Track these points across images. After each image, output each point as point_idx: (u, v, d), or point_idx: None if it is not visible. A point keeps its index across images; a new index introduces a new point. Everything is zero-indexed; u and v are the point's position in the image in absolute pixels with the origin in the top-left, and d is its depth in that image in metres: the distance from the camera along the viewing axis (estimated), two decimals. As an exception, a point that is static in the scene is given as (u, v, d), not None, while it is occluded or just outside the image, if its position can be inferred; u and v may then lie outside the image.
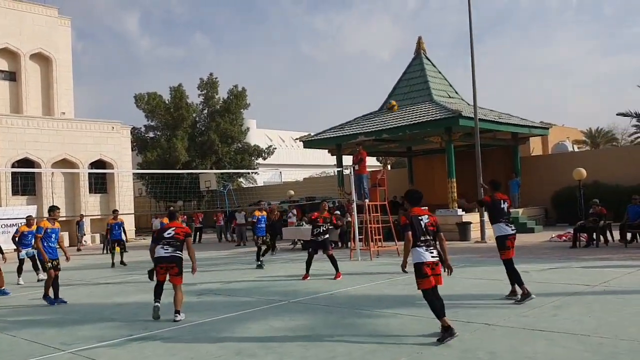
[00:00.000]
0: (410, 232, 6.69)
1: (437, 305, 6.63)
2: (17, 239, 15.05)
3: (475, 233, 20.35)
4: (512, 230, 9.08)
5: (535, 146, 29.47)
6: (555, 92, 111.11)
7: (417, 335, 6.88)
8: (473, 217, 20.97)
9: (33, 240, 13.06)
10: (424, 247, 6.71)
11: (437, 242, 6.92)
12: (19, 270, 14.65)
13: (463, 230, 20.47)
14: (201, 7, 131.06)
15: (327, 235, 13.00)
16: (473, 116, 20.24)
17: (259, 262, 15.42)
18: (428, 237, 6.78)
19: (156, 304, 8.81)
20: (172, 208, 10.88)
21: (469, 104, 24.83)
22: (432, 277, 6.62)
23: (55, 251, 10.89)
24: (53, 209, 11.30)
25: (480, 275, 11.73)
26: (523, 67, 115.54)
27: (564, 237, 18.27)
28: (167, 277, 8.89)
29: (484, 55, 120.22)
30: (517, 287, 8.86)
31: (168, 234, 8.95)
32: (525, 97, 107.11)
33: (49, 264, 10.74)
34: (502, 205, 9.16)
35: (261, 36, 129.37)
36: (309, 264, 12.74)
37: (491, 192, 9.42)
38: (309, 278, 12.38)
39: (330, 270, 12.61)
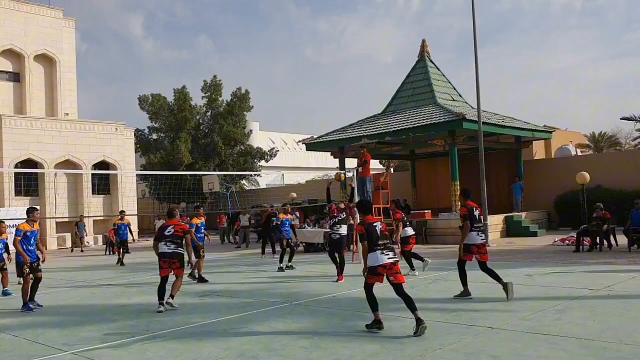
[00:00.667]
0: (366, 242, 7.37)
1: (374, 299, 7.45)
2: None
3: (478, 236, 20.27)
4: (482, 239, 9.49)
5: (538, 150, 29.43)
6: (559, 96, 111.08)
7: (419, 338, 6.85)
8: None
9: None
10: (380, 251, 7.35)
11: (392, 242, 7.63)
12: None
13: (466, 233, 20.41)
14: (205, 10, 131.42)
15: (344, 233, 12.89)
16: (477, 119, 20.22)
17: (281, 266, 14.80)
18: (385, 241, 7.46)
19: (160, 308, 9.39)
20: (171, 207, 11.25)
21: (472, 107, 24.82)
22: (390, 275, 7.36)
23: (35, 254, 10.54)
24: (32, 211, 10.87)
25: (482, 278, 11.65)
26: (526, 72, 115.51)
27: (567, 241, 18.22)
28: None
29: (488, 60, 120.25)
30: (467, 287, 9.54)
31: (168, 231, 9.67)
32: (529, 101, 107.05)
33: (27, 269, 10.30)
34: (475, 213, 9.51)
35: (265, 39, 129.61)
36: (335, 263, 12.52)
37: (463, 201, 9.75)
38: (343, 280, 12.15)
39: (332, 272, 12.59)
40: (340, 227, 12.81)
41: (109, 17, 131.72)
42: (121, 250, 18.98)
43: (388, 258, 7.33)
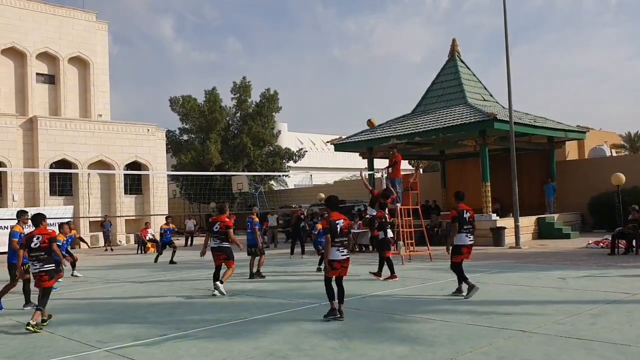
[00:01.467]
0: (330, 235, 8.19)
1: (332, 290, 8.28)
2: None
3: (509, 238, 20.02)
4: (470, 241, 10.01)
5: (571, 150, 28.87)
6: (593, 95, 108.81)
7: (450, 340, 6.79)
8: (507, 222, 20.65)
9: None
10: (337, 247, 8.22)
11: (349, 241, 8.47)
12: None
13: (497, 235, 20.17)
14: (233, 12, 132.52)
15: (389, 235, 13.09)
16: (508, 119, 19.95)
17: (320, 267, 14.77)
18: (342, 239, 8.29)
19: (214, 292, 10.95)
20: (221, 203, 12.58)
21: (503, 107, 24.49)
22: (340, 269, 8.27)
23: (26, 257, 10.17)
24: (22, 214, 10.80)
25: (514, 281, 11.53)
26: (558, 70, 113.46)
27: (601, 244, 17.84)
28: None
29: (518, 58, 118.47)
30: (463, 285, 9.89)
31: (215, 227, 11.09)
32: (561, 101, 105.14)
33: (17, 272, 10.20)
34: (465, 216, 9.95)
35: (293, 40, 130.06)
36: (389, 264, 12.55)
37: (455, 203, 10.23)
38: (397, 278, 12.23)
39: (361, 273, 12.54)
40: (388, 228, 13.04)
41: (140, 19, 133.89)
42: (172, 250, 19.34)
43: (342, 255, 8.24)
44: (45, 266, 8.65)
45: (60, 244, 11.35)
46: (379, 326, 7.78)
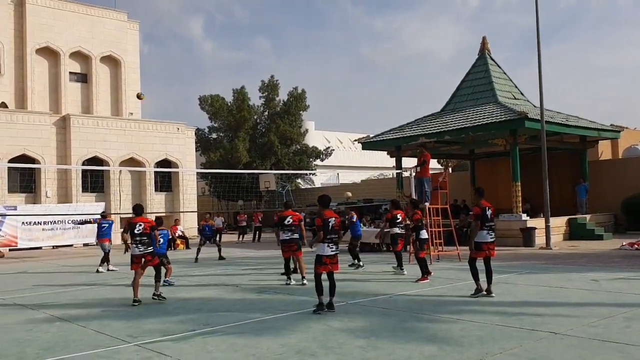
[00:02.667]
0: (322, 232, 8.77)
1: (321, 285, 8.74)
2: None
3: (540, 239, 19.70)
4: (492, 238, 9.90)
5: (604, 150, 28.25)
6: (628, 94, 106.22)
7: (479, 341, 6.71)
8: (538, 223, 20.32)
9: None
10: (327, 244, 8.78)
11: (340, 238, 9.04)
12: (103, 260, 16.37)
13: (527, 236, 19.86)
14: (262, 11, 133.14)
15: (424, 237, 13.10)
16: (539, 118, 19.62)
17: (355, 262, 14.81)
18: (333, 236, 8.85)
19: (288, 281, 12.01)
20: (289, 199, 13.13)
21: (535, 106, 24.10)
22: (329, 265, 8.79)
23: None
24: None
25: (545, 282, 11.34)
26: (592, 69, 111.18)
27: (636, 246, 17.43)
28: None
29: (550, 57, 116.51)
30: (481, 285, 9.82)
31: (287, 221, 12.02)
32: (595, 100, 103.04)
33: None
34: (487, 213, 9.87)
35: (321, 38, 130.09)
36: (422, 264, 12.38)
37: (477, 200, 10.18)
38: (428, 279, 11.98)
39: (387, 272, 12.47)
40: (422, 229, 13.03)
41: (170, 19, 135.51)
42: (217, 247, 19.31)
43: (332, 251, 8.79)
44: (149, 249, 10.26)
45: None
46: (407, 326, 7.74)
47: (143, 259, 10.25)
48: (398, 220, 13.80)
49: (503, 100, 23.43)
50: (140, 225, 10.23)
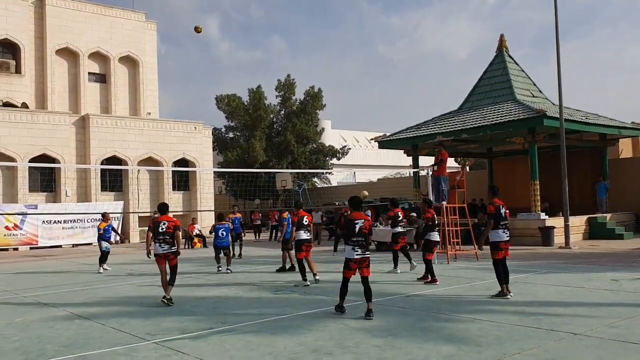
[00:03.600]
0: (346, 234, 8.46)
1: (345, 289, 8.54)
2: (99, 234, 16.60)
3: (559, 238, 19.50)
4: (507, 237, 9.80)
5: (624, 148, 27.85)
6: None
7: (497, 341, 6.66)
8: (557, 222, 20.11)
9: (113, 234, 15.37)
10: (352, 246, 8.36)
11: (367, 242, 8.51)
12: (101, 260, 16.19)
13: (546, 235, 19.66)
14: (278, 10, 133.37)
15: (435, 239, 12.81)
16: (558, 116, 19.41)
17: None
18: (359, 239, 8.36)
19: (306, 282, 11.84)
20: (298, 201, 14.47)
21: (553, 104, 23.85)
22: (361, 269, 8.37)
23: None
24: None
25: (564, 282, 11.22)
26: (612, 66, 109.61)
27: (657, 245, 17.16)
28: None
29: (569, 55, 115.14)
30: (504, 286, 9.68)
31: (305, 221, 12.39)
32: (615, 97, 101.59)
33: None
34: (501, 211, 9.77)
35: (336, 37, 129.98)
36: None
37: (491, 198, 10.08)
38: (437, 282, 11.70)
39: (403, 272, 12.41)
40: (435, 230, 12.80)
41: (187, 19, 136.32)
42: (239, 244, 19.33)
43: (357, 254, 8.32)
44: (172, 248, 10.14)
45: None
46: (424, 325, 7.70)
47: (166, 260, 10.18)
48: (399, 219, 13.90)
49: (521, 98, 23.21)
50: (164, 224, 10.21)
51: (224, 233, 15.30)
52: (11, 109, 31.01)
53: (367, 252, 8.43)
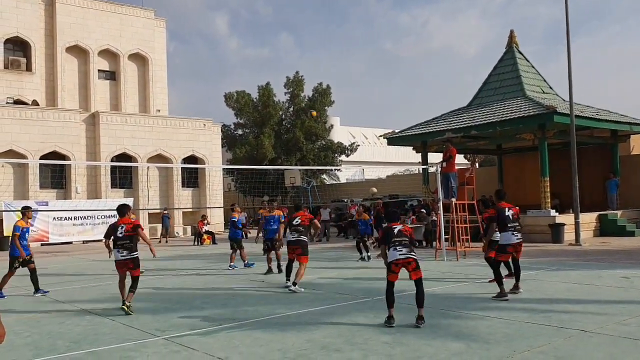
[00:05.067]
0: (385, 237, 7.85)
1: (391, 296, 7.70)
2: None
3: (569, 235, 19.39)
4: (517, 239, 9.68)
5: (636, 144, 27.62)
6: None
7: (506, 338, 6.64)
8: (567, 219, 19.99)
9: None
10: (394, 247, 7.68)
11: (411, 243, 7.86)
12: None
13: (556, 232, 19.55)
14: (286, 7, 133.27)
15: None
16: (568, 112, 19.27)
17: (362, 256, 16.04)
18: (402, 239, 7.73)
19: (287, 283, 10.97)
20: (298, 201, 13.02)
21: (564, 100, 23.67)
22: (411, 272, 7.73)
23: (28, 249, 11.56)
24: (27, 209, 11.99)
25: (574, 279, 11.16)
26: (623, 63, 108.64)
27: (668, 242, 17.01)
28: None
29: (580, 51, 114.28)
30: (519, 283, 9.80)
31: (296, 222, 11.28)
32: (626, 93, 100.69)
33: (18, 264, 11.33)
34: (507, 214, 9.67)
35: (344, 34, 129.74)
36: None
37: (496, 202, 10.08)
38: None
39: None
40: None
41: (196, 16, 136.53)
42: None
43: (400, 254, 7.63)
44: (132, 254, 9.15)
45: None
46: (433, 322, 7.69)
47: (126, 268, 9.25)
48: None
49: (531, 94, 23.07)
50: (122, 227, 9.19)
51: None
52: (22, 106, 31.21)
53: (412, 253, 7.69)
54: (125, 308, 8.89)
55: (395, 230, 7.76)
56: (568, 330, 6.91)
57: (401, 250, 7.63)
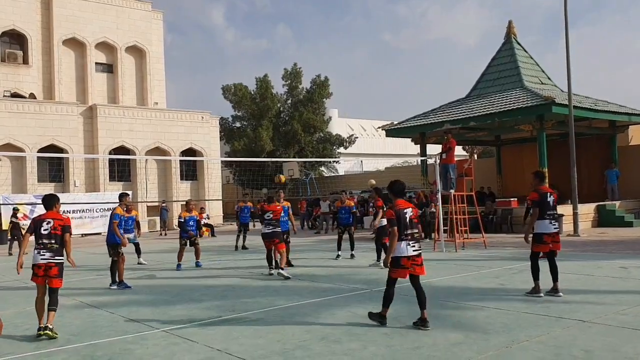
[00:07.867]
0: (396, 227, 6.84)
1: (391, 295, 7.00)
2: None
3: (567, 226, 19.42)
4: (555, 228, 8.80)
5: (634, 135, 27.63)
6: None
7: (505, 328, 6.65)
8: (565, 210, 20.01)
9: (134, 226, 14.32)
10: (406, 241, 6.88)
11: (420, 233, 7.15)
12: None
13: (554, 222, 19.56)
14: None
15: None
16: (567, 103, 19.26)
17: (339, 254, 14.89)
18: (413, 231, 6.97)
19: (271, 271, 11.83)
20: (270, 194, 13.80)
21: (562, 91, 23.66)
22: (413, 268, 6.94)
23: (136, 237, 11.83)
24: (123, 196, 12.01)
25: (572, 270, 11.18)
26: (623, 53, 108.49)
27: (667, 233, 17.05)
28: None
29: (579, 42, 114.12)
30: (557, 284, 8.77)
31: (267, 216, 11.67)
32: (625, 84, 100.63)
33: (121, 250, 11.21)
34: (548, 199, 8.73)
35: (342, 26, 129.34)
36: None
37: (537, 185, 8.97)
38: None
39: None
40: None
41: (193, 8, 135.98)
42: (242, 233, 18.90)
43: (414, 250, 6.92)
44: (56, 258, 7.21)
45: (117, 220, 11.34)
46: (432, 313, 7.68)
47: (46, 275, 7.13)
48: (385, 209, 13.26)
49: (530, 85, 23.05)
50: (48, 223, 7.26)
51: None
52: (19, 99, 31.12)
53: (420, 248, 7.09)
54: (49, 333, 6.88)
55: (407, 217, 6.94)
56: (567, 321, 6.92)
57: (414, 246, 6.94)
